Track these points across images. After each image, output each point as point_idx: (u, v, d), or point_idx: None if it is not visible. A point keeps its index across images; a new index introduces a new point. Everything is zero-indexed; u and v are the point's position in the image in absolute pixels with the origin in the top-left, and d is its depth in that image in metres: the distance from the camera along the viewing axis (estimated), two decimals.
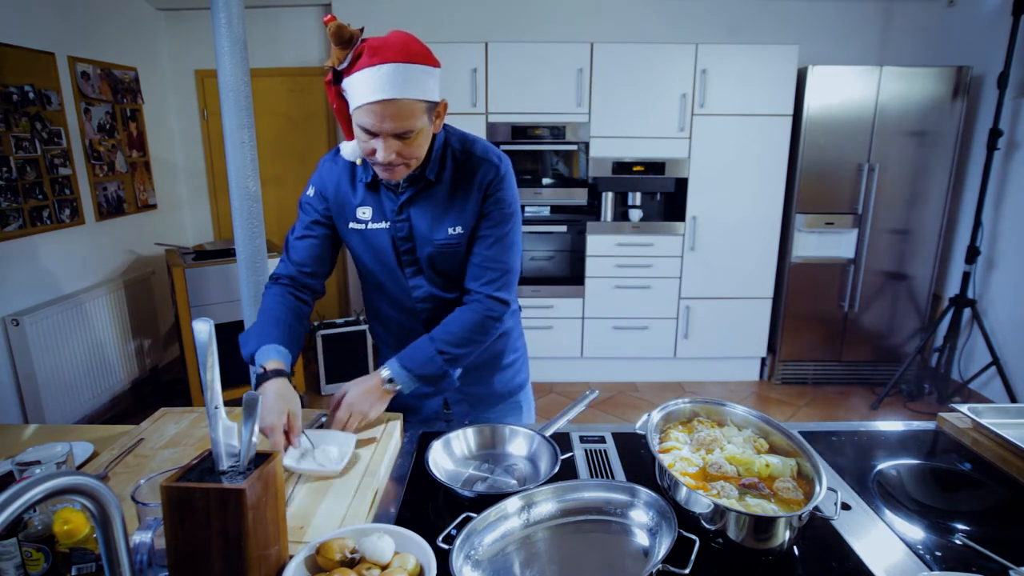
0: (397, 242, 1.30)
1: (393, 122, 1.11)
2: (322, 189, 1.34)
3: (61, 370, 3.07)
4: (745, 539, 0.92)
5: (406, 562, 0.87)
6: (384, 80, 1.09)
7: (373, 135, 1.14)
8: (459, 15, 4.01)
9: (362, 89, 1.10)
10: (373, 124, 1.11)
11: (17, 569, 0.87)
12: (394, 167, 1.17)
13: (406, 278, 1.34)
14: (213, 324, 0.83)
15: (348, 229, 1.33)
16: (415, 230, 1.29)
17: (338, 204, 1.33)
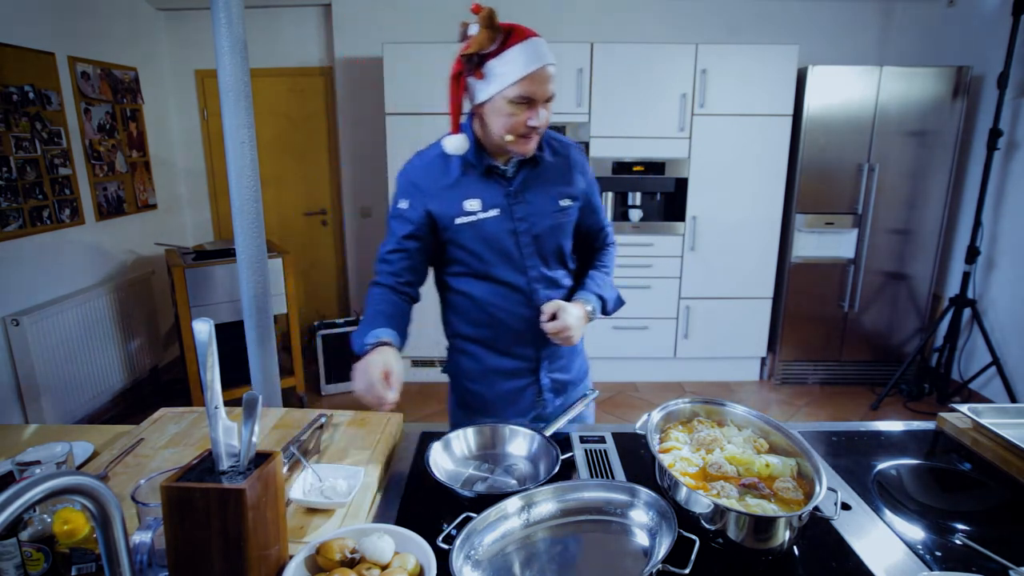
0: (516, 224, 1.37)
1: (550, 86, 1.27)
2: (417, 196, 1.36)
3: (61, 370, 3.07)
4: (745, 539, 0.92)
5: (406, 562, 0.87)
6: (541, 50, 1.25)
7: (530, 105, 1.26)
8: (459, 15, 3.99)
9: (522, 61, 1.23)
10: (536, 90, 1.24)
11: (17, 569, 0.87)
12: (535, 137, 1.31)
13: (524, 259, 1.39)
14: (213, 324, 0.83)
15: (456, 225, 1.35)
16: (530, 209, 1.38)
17: (441, 203, 1.35)
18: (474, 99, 1.31)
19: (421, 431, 1.39)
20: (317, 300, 4.61)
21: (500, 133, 1.29)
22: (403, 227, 1.37)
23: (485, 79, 1.26)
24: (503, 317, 1.42)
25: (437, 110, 3.60)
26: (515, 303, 1.41)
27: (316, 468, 1.12)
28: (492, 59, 1.23)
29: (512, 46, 1.23)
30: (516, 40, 1.23)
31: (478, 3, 1.24)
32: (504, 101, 1.25)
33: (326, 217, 4.50)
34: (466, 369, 1.51)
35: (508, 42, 1.23)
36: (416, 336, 4.33)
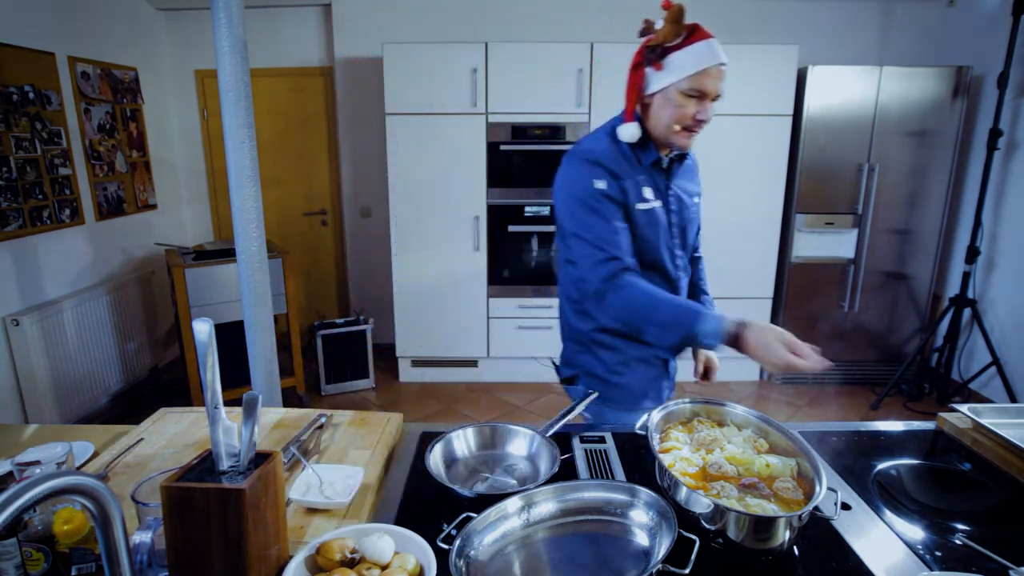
0: (671, 215, 1.47)
1: (721, 84, 1.34)
2: (612, 178, 1.37)
3: (61, 370, 3.07)
4: (745, 539, 0.92)
5: (406, 562, 0.87)
6: (717, 50, 1.33)
7: (701, 99, 1.33)
8: (459, 15, 4.01)
9: (705, 56, 1.32)
10: (709, 85, 1.32)
11: (17, 569, 0.87)
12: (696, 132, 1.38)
13: (674, 248, 1.50)
14: (213, 324, 0.83)
15: (637, 210, 1.40)
16: (680, 203, 1.50)
17: (629, 187, 1.39)
18: (647, 89, 1.38)
19: (421, 431, 1.39)
20: (317, 300, 4.61)
21: (668, 123, 1.36)
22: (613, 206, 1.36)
23: (663, 70, 1.34)
24: None
25: (437, 110, 3.61)
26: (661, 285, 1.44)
27: (316, 468, 1.12)
28: (674, 52, 1.33)
29: (694, 42, 1.32)
30: (698, 37, 1.33)
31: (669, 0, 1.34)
32: (677, 92, 1.33)
33: (326, 217, 4.50)
34: (608, 362, 1.52)
35: (690, 38, 1.33)
36: (417, 336, 4.31)
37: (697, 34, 1.34)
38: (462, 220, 3.76)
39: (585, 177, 1.37)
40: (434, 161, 3.68)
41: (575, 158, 1.42)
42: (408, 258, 3.80)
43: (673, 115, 1.35)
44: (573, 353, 1.58)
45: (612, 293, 1.31)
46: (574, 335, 1.57)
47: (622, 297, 1.30)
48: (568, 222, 1.40)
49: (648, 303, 1.28)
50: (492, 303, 3.87)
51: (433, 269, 3.82)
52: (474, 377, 4.03)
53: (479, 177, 3.70)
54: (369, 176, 4.24)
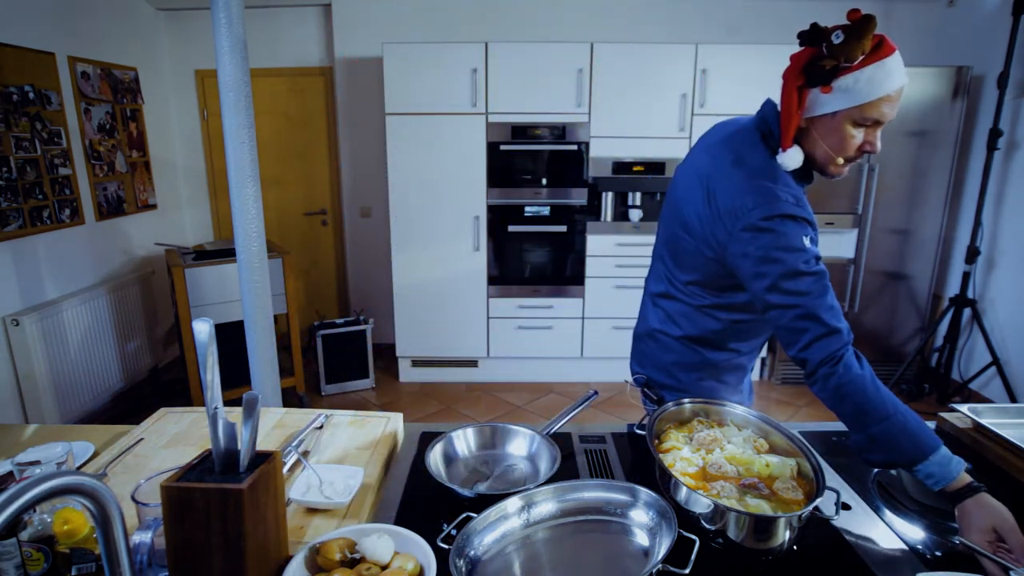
0: None
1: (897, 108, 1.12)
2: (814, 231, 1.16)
3: (61, 370, 3.07)
4: (745, 539, 0.92)
5: (406, 562, 0.87)
6: (902, 66, 1.10)
7: (874, 126, 1.13)
8: (459, 15, 4.01)
9: (885, 79, 1.09)
10: (888, 111, 1.11)
11: (17, 569, 0.87)
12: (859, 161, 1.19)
13: None
14: (213, 324, 0.83)
15: None
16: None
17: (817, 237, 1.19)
18: (809, 111, 1.16)
19: (421, 431, 1.39)
20: (317, 300, 4.61)
21: (829, 152, 1.16)
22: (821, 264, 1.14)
23: (833, 93, 1.12)
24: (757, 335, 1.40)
25: (437, 110, 3.61)
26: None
27: (316, 468, 1.12)
28: (850, 72, 1.10)
29: (876, 61, 1.09)
30: (881, 55, 1.09)
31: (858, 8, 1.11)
32: (847, 120, 1.12)
33: (326, 217, 4.50)
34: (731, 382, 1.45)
35: (873, 56, 1.09)
36: (417, 336, 4.31)
37: (883, 51, 1.09)
38: (462, 220, 3.76)
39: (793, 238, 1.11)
40: (434, 161, 3.68)
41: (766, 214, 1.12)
42: (408, 258, 3.80)
43: (838, 145, 1.15)
44: (692, 381, 1.41)
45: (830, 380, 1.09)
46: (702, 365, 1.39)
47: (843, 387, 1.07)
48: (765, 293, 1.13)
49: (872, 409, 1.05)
50: (492, 303, 3.87)
51: (433, 269, 3.82)
52: (474, 377, 4.03)
53: (479, 177, 3.70)
54: (369, 176, 4.24)
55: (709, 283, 1.29)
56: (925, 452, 1.01)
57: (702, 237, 1.23)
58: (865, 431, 1.05)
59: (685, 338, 1.38)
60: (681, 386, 1.42)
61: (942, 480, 1.01)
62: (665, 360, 1.43)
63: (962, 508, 0.99)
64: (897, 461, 1.04)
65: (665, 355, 1.43)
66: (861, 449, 1.08)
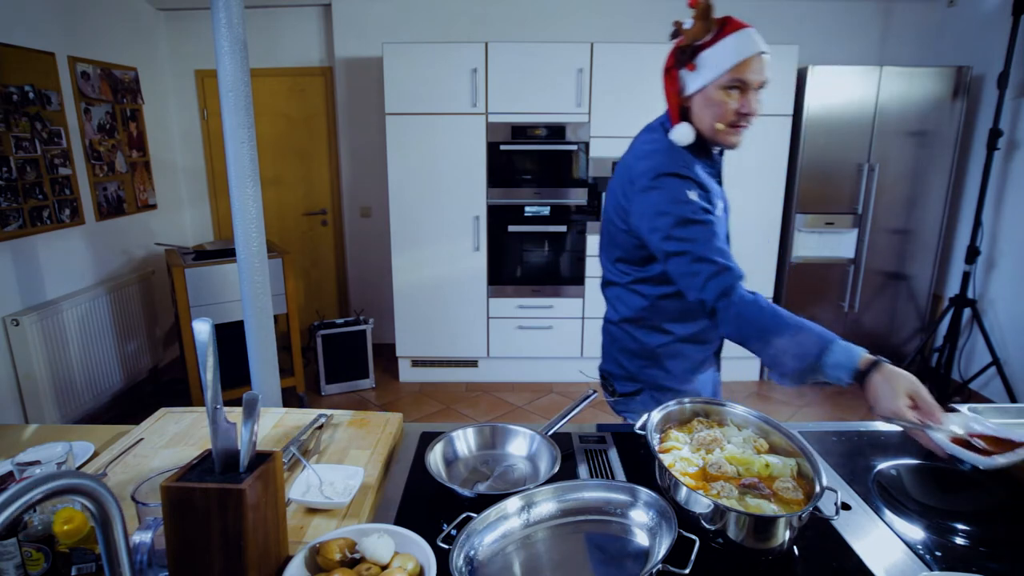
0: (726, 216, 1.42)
1: (764, 73, 1.29)
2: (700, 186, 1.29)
3: (61, 370, 3.07)
4: (745, 539, 0.92)
5: (406, 562, 0.87)
6: (756, 38, 1.29)
7: (742, 91, 1.28)
8: (459, 15, 4.01)
9: (736, 48, 1.27)
10: (751, 75, 1.27)
11: (17, 569, 0.87)
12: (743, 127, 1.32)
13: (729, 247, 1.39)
14: (213, 324, 0.83)
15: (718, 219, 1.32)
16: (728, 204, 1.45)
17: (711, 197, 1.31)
18: (685, 91, 1.34)
19: (421, 431, 1.39)
20: (317, 300, 4.61)
21: (711, 123, 1.31)
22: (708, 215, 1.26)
23: (697, 70, 1.30)
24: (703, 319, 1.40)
25: (437, 110, 3.61)
26: None
27: (316, 468, 1.12)
28: (705, 49, 1.28)
29: (727, 35, 1.27)
30: (731, 29, 1.28)
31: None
32: (716, 88, 1.28)
33: (326, 217, 4.50)
34: (676, 372, 1.49)
35: (722, 32, 1.28)
36: (417, 336, 4.31)
37: (729, 26, 1.29)
38: (462, 220, 3.76)
39: (677, 191, 1.26)
40: (434, 161, 3.68)
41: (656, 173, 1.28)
42: (408, 258, 3.80)
43: (716, 114, 1.30)
44: (637, 368, 1.51)
45: (728, 310, 1.18)
46: (641, 351, 1.49)
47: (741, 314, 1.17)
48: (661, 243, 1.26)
49: (770, 324, 1.14)
50: (492, 303, 3.87)
51: (433, 269, 3.82)
52: (474, 377, 4.04)
53: (479, 177, 3.70)
54: (369, 176, 4.24)
55: (629, 256, 1.43)
56: (827, 342, 1.08)
57: (615, 211, 1.41)
58: (771, 345, 1.13)
59: (622, 321, 1.50)
60: (629, 374, 1.53)
61: (849, 364, 1.06)
62: (613, 349, 1.56)
63: (871, 384, 1.04)
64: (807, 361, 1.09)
65: (612, 344, 1.56)
66: (775, 365, 1.14)
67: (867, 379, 1.04)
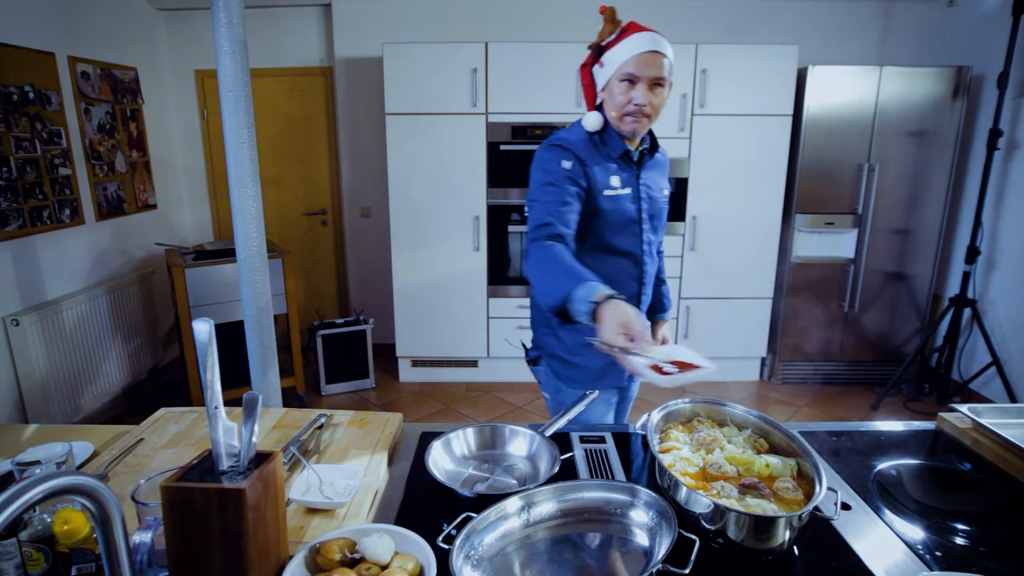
0: (641, 203, 1.56)
1: (655, 69, 1.43)
2: (578, 162, 1.47)
3: (61, 370, 3.07)
4: (745, 539, 0.92)
5: (406, 562, 0.87)
6: (652, 39, 1.44)
7: (634, 83, 1.44)
8: (459, 15, 4.01)
9: (636, 45, 1.42)
10: (639, 69, 1.42)
11: (17, 569, 0.87)
12: (642, 117, 1.47)
13: (643, 232, 1.57)
14: (213, 324, 0.83)
15: (604, 196, 1.50)
16: (650, 192, 1.59)
17: (596, 174, 1.49)
18: (599, 84, 1.51)
19: (421, 431, 1.39)
20: (317, 300, 4.61)
21: (613, 112, 1.49)
22: (570, 185, 1.44)
23: (604, 66, 1.48)
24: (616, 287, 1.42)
25: (437, 110, 3.61)
26: (629, 274, 1.58)
27: (316, 468, 1.12)
28: (610, 48, 1.46)
29: (627, 36, 1.44)
30: (634, 31, 1.44)
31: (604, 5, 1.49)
32: (616, 82, 1.45)
33: (326, 217, 4.50)
34: (569, 344, 1.59)
35: (623, 34, 1.45)
36: (416, 336, 4.29)
37: (629, 29, 1.45)
38: (462, 220, 3.76)
39: (554, 158, 1.47)
40: (434, 161, 3.68)
41: (547, 143, 1.51)
42: (408, 258, 3.80)
43: (614, 104, 1.47)
44: (540, 336, 1.67)
45: (531, 251, 1.35)
46: (542, 318, 1.65)
47: (535, 255, 1.34)
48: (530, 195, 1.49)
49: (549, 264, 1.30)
50: (492, 303, 3.87)
51: (433, 269, 3.82)
52: (474, 377, 4.03)
53: (479, 177, 3.70)
54: (369, 176, 4.24)
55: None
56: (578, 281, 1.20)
57: None
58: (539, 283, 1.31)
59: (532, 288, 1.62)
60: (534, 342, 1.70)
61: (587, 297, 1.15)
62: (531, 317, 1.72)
63: (598, 314, 1.12)
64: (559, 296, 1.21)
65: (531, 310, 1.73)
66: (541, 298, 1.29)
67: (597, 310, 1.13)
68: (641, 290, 1.61)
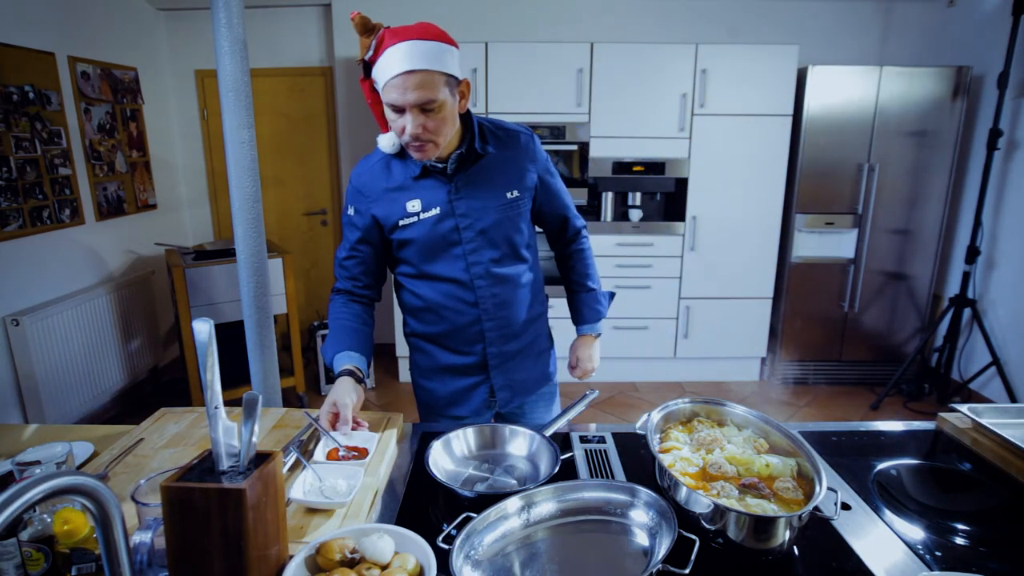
0: (458, 221, 1.36)
1: (416, 92, 1.17)
2: (362, 202, 1.39)
3: (61, 370, 3.07)
4: (745, 539, 0.92)
5: (406, 562, 0.87)
6: (405, 54, 1.16)
7: (400, 111, 1.21)
8: (459, 15, 4.01)
9: (388, 67, 1.17)
10: (398, 97, 1.18)
11: (17, 569, 0.87)
12: (423, 144, 1.24)
13: (467, 255, 1.38)
14: (213, 324, 0.83)
15: (399, 227, 1.36)
16: (474, 204, 1.36)
17: (384, 207, 1.36)
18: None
19: (421, 431, 1.39)
20: (317, 300, 4.61)
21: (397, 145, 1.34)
22: (353, 233, 1.41)
23: (376, 85, 1.23)
24: (449, 314, 1.44)
25: None
26: (460, 300, 1.42)
27: (316, 468, 1.12)
28: (372, 64, 1.22)
29: (384, 50, 1.18)
30: (387, 44, 1.17)
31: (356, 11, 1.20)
32: (386, 107, 1.24)
33: (326, 217, 4.50)
34: (422, 367, 1.56)
35: (381, 47, 1.18)
36: None
37: (384, 43, 1.17)
38: None
39: (346, 200, 1.43)
40: None
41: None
42: None
43: (394, 130, 1.26)
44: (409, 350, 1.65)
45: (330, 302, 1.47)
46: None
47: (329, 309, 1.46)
48: None
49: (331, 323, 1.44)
50: None
51: None
52: None
53: None
54: None
55: None
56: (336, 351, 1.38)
57: None
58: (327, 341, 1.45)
59: None
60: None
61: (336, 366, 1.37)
62: None
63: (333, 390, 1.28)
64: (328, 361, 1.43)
65: None
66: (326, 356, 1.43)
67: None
68: (482, 317, 1.42)
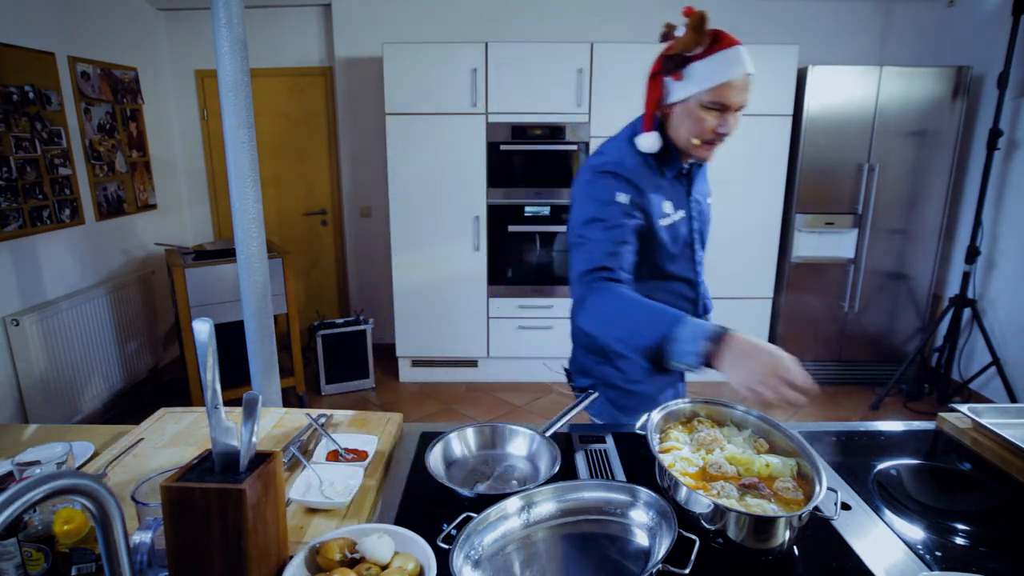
0: (693, 223, 1.44)
1: (747, 94, 1.28)
2: (636, 193, 1.29)
3: (61, 370, 3.07)
4: (745, 539, 0.92)
5: (406, 562, 0.87)
6: (744, 58, 1.26)
7: (723, 111, 1.26)
8: (459, 15, 4.01)
9: (726, 67, 1.24)
10: (735, 96, 1.26)
11: (17, 569, 0.87)
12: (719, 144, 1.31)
13: (696, 254, 1.48)
14: (213, 324, 0.83)
15: (659, 226, 1.35)
16: (700, 208, 1.47)
17: (650, 204, 1.32)
18: (667, 99, 1.31)
19: (421, 431, 1.39)
20: (317, 300, 4.61)
21: (687, 136, 1.30)
22: (628, 220, 1.27)
23: (683, 80, 1.27)
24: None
25: (437, 110, 3.61)
26: (685, 299, 1.49)
27: (316, 468, 1.12)
28: (695, 62, 1.26)
29: (717, 52, 1.25)
30: (721, 46, 1.25)
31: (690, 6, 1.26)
32: (697, 105, 1.27)
33: (326, 217, 4.50)
34: (628, 372, 1.48)
35: (713, 47, 1.25)
36: (416, 336, 4.30)
37: (721, 42, 1.25)
38: (462, 220, 3.76)
39: (607, 189, 1.28)
40: (434, 161, 3.68)
41: (597, 169, 1.31)
42: (408, 258, 3.80)
43: (693, 128, 1.28)
44: (591, 364, 1.53)
45: (590, 297, 1.20)
46: (593, 347, 1.52)
47: (596, 301, 1.20)
48: (570, 234, 1.33)
49: (622, 306, 1.16)
50: (492, 303, 3.87)
51: (433, 269, 3.82)
52: (474, 377, 4.03)
53: (479, 177, 3.70)
54: (369, 176, 4.24)
55: None
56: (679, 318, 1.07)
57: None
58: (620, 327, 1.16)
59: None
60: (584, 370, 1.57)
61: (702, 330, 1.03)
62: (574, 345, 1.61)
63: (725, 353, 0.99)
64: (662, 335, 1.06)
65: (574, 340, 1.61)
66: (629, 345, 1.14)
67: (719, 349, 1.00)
68: (697, 315, 1.50)
